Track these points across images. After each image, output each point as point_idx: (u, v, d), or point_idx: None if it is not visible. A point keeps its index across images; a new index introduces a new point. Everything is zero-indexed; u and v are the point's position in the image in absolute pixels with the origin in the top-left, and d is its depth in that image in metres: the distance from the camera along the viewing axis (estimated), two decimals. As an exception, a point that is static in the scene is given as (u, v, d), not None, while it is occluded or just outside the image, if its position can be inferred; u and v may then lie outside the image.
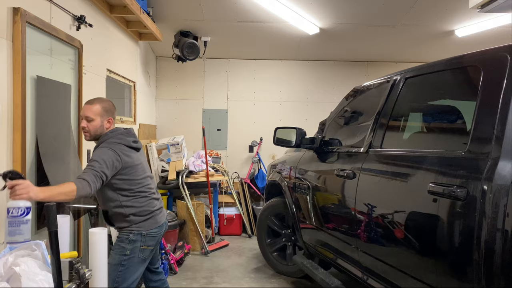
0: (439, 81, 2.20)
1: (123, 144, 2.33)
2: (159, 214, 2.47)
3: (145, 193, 2.39)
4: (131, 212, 2.33)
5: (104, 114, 2.34)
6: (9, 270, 1.47)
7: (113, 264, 2.30)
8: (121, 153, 2.27)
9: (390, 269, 2.13)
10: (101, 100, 2.41)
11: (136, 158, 2.38)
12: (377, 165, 2.35)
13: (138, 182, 2.35)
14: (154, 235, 2.41)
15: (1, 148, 2.13)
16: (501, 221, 1.48)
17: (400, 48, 5.66)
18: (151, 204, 2.41)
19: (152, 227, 2.39)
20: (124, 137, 2.37)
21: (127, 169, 2.29)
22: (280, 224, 4.00)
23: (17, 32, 2.19)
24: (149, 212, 2.39)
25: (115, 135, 2.35)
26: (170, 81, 6.23)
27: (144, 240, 2.36)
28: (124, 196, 2.32)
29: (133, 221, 2.33)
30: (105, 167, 2.16)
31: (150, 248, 2.41)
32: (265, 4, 4.20)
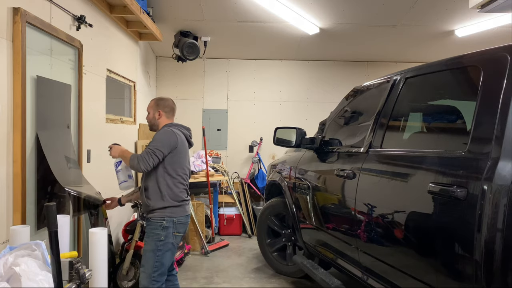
0: (439, 81, 2.20)
1: (182, 131, 2.73)
2: (188, 205, 2.74)
3: (183, 180, 2.69)
4: (168, 193, 2.59)
5: (155, 108, 2.79)
6: (9, 270, 1.47)
7: (150, 250, 2.56)
8: (178, 135, 2.65)
9: (390, 269, 2.13)
10: (158, 97, 2.88)
11: (187, 149, 2.75)
12: (377, 165, 2.35)
13: (182, 168, 2.67)
14: (184, 222, 2.66)
15: (1, 148, 2.13)
16: (501, 221, 1.48)
17: (400, 48, 5.66)
18: (184, 193, 2.68)
19: (182, 215, 2.64)
20: (183, 129, 2.78)
21: (179, 152, 2.63)
22: (280, 224, 4.00)
23: (17, 32, 2.19)
24: (181, 199, 2.65)
25: (174, 124, 2.76)
26: (170, 81, 6.23)
27: (176, 226, 2.60)
28: (169, 175, 2.61)
29: (167, 203, 2.57)
30: (161, 145, 2.55)
31: (181, 234, 2.66)
32: (265, 4, 4.20)
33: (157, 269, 2.53)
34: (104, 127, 3.66)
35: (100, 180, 3.45)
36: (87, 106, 3.19)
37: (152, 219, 2.59)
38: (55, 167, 2.51)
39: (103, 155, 3.55)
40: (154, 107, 2.79)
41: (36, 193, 2.47)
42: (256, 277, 3.89)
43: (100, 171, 3.50)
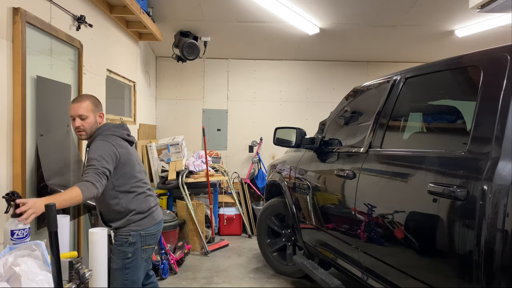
0: (439, 81, 2.20)
1: (117, 136, 2.27)
2: (156, 211, 2.40)
3: (142, 188, 2.33)
4: (130, 210, 2.26)
5: (95, 109, 2.29)
6: (9, 270, 1.47)
7: (117, 269, 2.28)
8: (117, 145, 2.21)
9: (390, 269, 2.13)
10: (88, 96, 2.34)
11: (131, 151, 2.32)
12: (377, 165, 2.34)
13: (134, 176, 2.29)
14: (153, 233, 2.35)
15: (1, 148, 2.13)
16: (501, 221, 1.48)
17: (400, 48, 5.66)
18: (148, 201, 2.35)
19: (151, 225, 2.33)
20: (118, 129, 2.32)
21: (123, 162, 2.22)
22: (280, 224, 4.00)
23: (17, 32, 2.19)
24: (147, 209, 2.33)
25: (108, 128, 2.29)
26: (170, 81, 6.23)
27: (144, 240, 2.30)
28: (122, 192, 2.24)
29: (132, 219, 2.26)
30: (105, 162, 2.09)
31: (152, 246, 2.37)
32: (265, 4, 4.20)
33: None
34: (104, 127, 3.66)
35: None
36: (87, 106, 3.18)
37: (117, 236, 2.30)
38: (48, 172, 2.49)
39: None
40: (93, 109, 2.29)
41: (36, 193, 2.47)
42: (256, 277, 3.89)
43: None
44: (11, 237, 1.70)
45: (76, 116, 2.24)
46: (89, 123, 2.25)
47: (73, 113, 2.25)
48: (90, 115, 2.25)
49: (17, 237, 1.71)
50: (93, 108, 2.27)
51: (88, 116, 2.25)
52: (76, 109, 2.24)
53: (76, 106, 2.25)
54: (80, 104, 2.25)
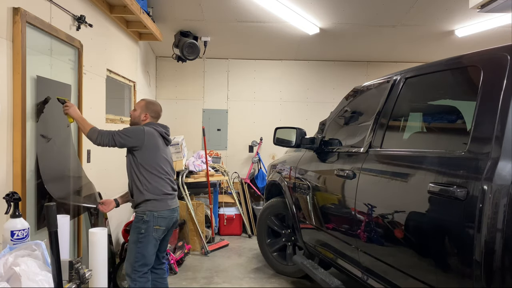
0: (439, 81, 2.20)
1: (155, 129, 2.77)
2: (171, 199, 2.80)
3: (163, 175, 2.74)
4: (146, 187, 2.68)
5: (144, 109, 2.86)
6: (9, 270, 1.47)
7: (132, 242, 2.71)
8: (148, 133, 2.70)
9: (390, 269, 2.13)
10: (150, 101, 2.96)
11: (161, 144, 2.78)
12: (377, 165, 2.35)
13: (156, 163, 2.72)
14: (165, 216, 2.73)
15: (1, 148, 2.13)
16: (501, 221, 1.48)
17: (400, 48, 5.66)
18: (164, 187, 2.74)
19: (164, 209, 2.71)
20: (158, 126, 2.82)
21: (149, 148, 2.69)
22: (280, 224, 4.00)
23: (17, 32, 2.19)
24: (163, 193, 2.72)
25: (150, 123, 2.83)
26: (170, 81, 6.23)
27: (156, 220, 2.69)
28: (144, 169, 2.68)
29: (147, 196, 2.67)
30: (124, 132, 2.65)
31: (162, 228, 2.73)
32: (265, 4, 4.20)
33: (138, 260, 2.66)
34: (104, 127, 3.66)
35: (100, 180, 3.45)
36: (87, 106, 3.18)
37: (136, 213, 2.73)
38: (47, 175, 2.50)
39: (103, 155, 3.55)
40: (143, 108, 2.87)
41: (36, 193, 2.47)
42: (256, 277, 3.89)
43: (100, 171, 3.50)
44: (11, 237, 1.70)
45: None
46: (134, 114, 2.89)
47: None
48: (138, 109, 2.88)
49: (17, 237, 1.72)
50: (143, 107, 2.87)
51: (136, 109, 2.89)
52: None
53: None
54: (139, 101, 2.93)
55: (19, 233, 1.70)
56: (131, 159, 2.72)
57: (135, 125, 2.86)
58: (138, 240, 2.68)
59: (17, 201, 1.77)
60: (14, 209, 1.73)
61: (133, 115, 2.89)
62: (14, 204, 1.74)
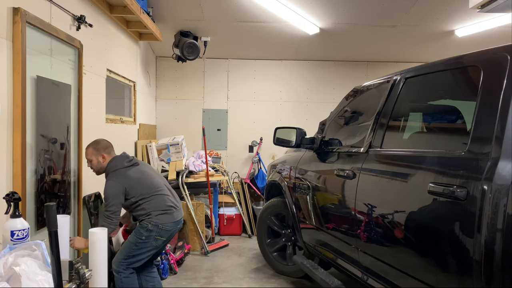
0: (439, 81, 2.20)
1: (119, 168, 2.78)
2: (176, 212, 2.87)
3: (156, 194, 2.81)
4: (149, 210, 2.76)
5: (96, 153, 2.82)
6: (9, 270, 1.47)
7: (129, 241, 2.77)
8: (121, 180, 2.72)
9: (390, 269, 2.13)
10: (94, 142, 2.87)
11: (136, 172, 2.82)
12: (377, 165, 2.34)
13: (147, 191, 2.78)
14: (169, 229, 2.80)
15: (1, 148, 2.13)
16: (501, 221, 1.48)
17: (400, 48, 5.66)
18: (165, 201, 2.82)
19: (169, 221, 2.79)
20: (119, 162, 2.82)
21: (132, 186, 2.74)
22: (280, 224, 4.00)
23: (17, 32, 2.19)
24: (166, 206, 2.81)
25: (112, 165, 2.81)
26: (170, 81, 6.23)
27: (159, 232, 2.76)
28: (139, 202, 2.76)
29: (152, 214, 2.75)
30: (112, 203, 2.68)
31: (163, 239, 2.80)
32: (265, 4, 4.20)
33: (127, 259, 2.74)
34: (104, 127, 3.66)
35: (100, 180, 3.45)
36: (87, 106, 3.19)
37: (141, 221, 2.80)
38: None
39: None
40: (94, 153, 2.83)
41: (36, 193, 2.47)
42: (256, 277, 3.88)
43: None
44: (11, 237, 1.70)
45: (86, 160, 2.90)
46: (94, 164, 2.86)
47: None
48: (93, 158, 2.84)
49: (17, 237, 1.71)
50: (94, 153, 2.83)
51: (91, 159, 2.85)
52: (85, 154, 2.90)
53: (85, 152, 2.90)
54: (86, 150, 2.87)
55: (19, 233, 1.70)
56: (129, 203, 2.78)
57: (101, 172, 2.88)
58: (136, 243, 2.75)
59: (17, 201, 1.77)
60: (14, 209, 1.73)
61: (93, 166, 2.86)
62: (14, 204, 1.74)
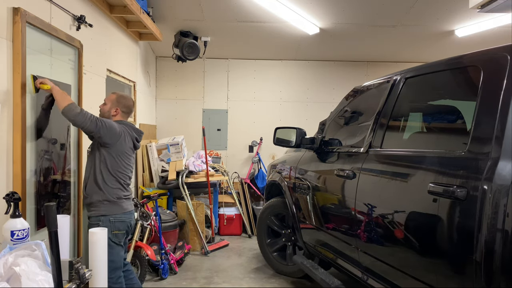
0: (439, 81, 2.20)
1: (129, 133, 2.66)
2: (127, 202, 2.68)
3: (120, 179, 2.62)
4: (104, 187, 2.55)
5: (115, 103, 2.71)
6: (9, 270, 1.47)
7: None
8: (123, 135, 2.59)
9: (390, 269, 2.13)
10: (122, 95, 2.79)
11: (129, 150, 2.67)
12: (377, 165, 2.34)
13: (120, 168, 2.61)
14: (122, 219, 2.60)
15: (1, 148, 2.13)
16: (501, 221, 1.48)
17: (400, 48, 5.66)
18: (121, 191, 2.62)
19: (119, 212, 2.59)
20: (131, 130, 2.71)
21: (119, 152, 2.59)
22: (280, 224, 4.00)
23: (17, 32, 2.19)
24: (117, 197, 2.59)
25: (127, 124, 2.71)
26: (170, 81, 6.23)
27: (113, 225, 2.56)
28: (103, 171, 2.56)
29: (102, 197, 2.54)
30: (105, 125, 2.48)
31: (122, 232, 2.61)
32: (265, 4, 4.20)
33: (108, 267, 2.47)
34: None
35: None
36: (87, 106, 3.18)
37: (91, 219, 2.58)
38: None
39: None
40: (113, 102, 2.71)
41: (36, 193, 2.47)
42: (256, 277, 3.89)
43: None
44: (11, 237, 1.70)
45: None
46: (103, 108, 2.73)
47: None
48: (108, 103, 2.73)
49: (17, 237, 1.72)
50: (113, 100, 2.73)
51: (106, 103, 2.74)
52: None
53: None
54: (110, 94, 2.80)
55: (19, 233, 1.70)
56: (97, 153, 2.56)
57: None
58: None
59: (17, 201, 1.77)
60: (14, 209, 1.73)
61: (103, 109, 2.73)
62: (14, 204, 1.74)
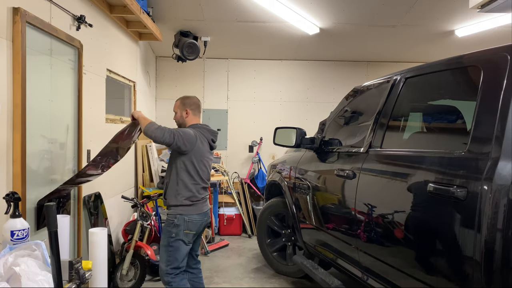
0: (439, 81, 2.20)
1: (204, 135, 2.77)
2: (203, 203, 2.80)
3: (198, 182, 2.74)
4: (183, 192, 2.68)
5: (181, 107, 2.85)
6: (9, 270, 1.47)
7: (163, 245, 2.72)
8: (199, 140, 2.70)
9: (390, 269, 2.13)
10: (183, 96, 2.92)
11: (206, 152, 2.79)
12: (377, 165, 2.34)
13: (197, 171, 2.72)
14: (196, 220, 2.72)
15: (1, 148, 2.13)
16: (501, 221, 1.48)
17: (400, 48, 5.66)
18: (199, 193, 2.75)
19: (194, 213, 2.71)
20: (207, 132, 2.81)
21: (196, 156, 2.69)
22: (280, 224, 4.00)
23: (17, 32, 2.19)
24: (195, 199, 2.72)
25: (202, 127, 2.81)
26: (170, 81, 6.23)
27: (187, 225, 2.68)
28: (182, 176, 2.68)
29: (180, 201, 2.68)
30: (181, 134, 2.61)
31: (192, 232, 2.72)
32: (265, 4, 4.20)
33: (170, 263, 2.68)
34: (104, 127, 3.66)
35: (99, 179, 3.45)
36: (87, 106, 3.18)
37: (167, 217, 2.75)
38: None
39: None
40: (180, 107, 2.85)
41: (36, 193, 2.47)
42: (256, 277, 3.88)
43: (100, 171, 3.49)
44: (11, 237, 1.70)
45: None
46: (177, 117, 2.88)
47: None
48: (177, 110, 2.88)
49: (17, 237, 1.71)
50: (180, 105, 2.87)
51: (176, 112, 2.89)
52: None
53: None
54: (175, 102, 2.92)
55: (19, 233, 1.70)
56: (176, 160, 2.71)
57: (181, 127, 2.83)
58: (169, 244, 2.68)
59: (17, 201, 1.77)
60: (14, 209, 1.73)
61: (176, 119, 2.89)
62: (14, 204, 1.74)
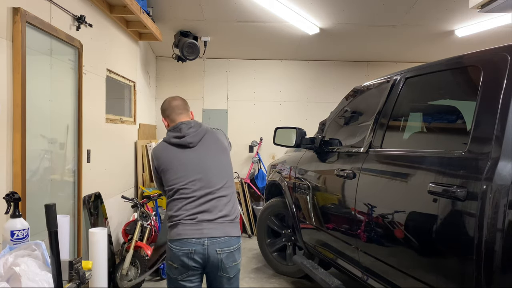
0: (439, 81, 2.20)
1: (164, 141, 2.22)
2: (188, 224, 1.97)
3: (177, 194, 2.07)
4: (167, 216, 2.12)
5: (163, 117, 2.37)
6: (9, 270, 1.46)
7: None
8: (155, 155, 2.20)
9: (390, 269, 2.13)
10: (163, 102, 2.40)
11: (173, 158, 2.13)
12: (377, 165, 2.34)
13: (172, 183, 2.10)
14: (175, 250, 1.96)
15: (1, 148, 2.13)
16: (501, 221, 1.48)
17: (400, 48, 5.66)
18: (182, 210, 2.02)
19: (172, 238, 1.98)
20: (169, 133, 2.23)
21: (163, 170, 2.14)
22: (280, 224, 4.00)
23: (17, 32, 2.19)
24: (175, 219, 2.02)
25: (166, 139, 2.25)
26: (170, 81, 6.23)
27: (168, 253, 2.02)
28: (167, 195, 2.16)
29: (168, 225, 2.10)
30: (153, 176, 2.26)
31: (174, 265, 1.97)
32: (265, 4, 4.20)
33: None
34: (104, 127, 3.66)
35: (100, 180, 3.45)
36: (87, 106, 3.18)
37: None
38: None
39: (103, 155, 3.55)
40: (162, 119, 2.39)
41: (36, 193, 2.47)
42: (256, 277, 3.88)
43: (100, 171, 3.50)
44: (11, 237, 1.70)
45: None
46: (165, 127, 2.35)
47: None
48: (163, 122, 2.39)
49: (17, 237, 1.71)
50: (162, 118, 2.37)
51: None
52: None
53: None
54: None
55: (19, 233, 1.70)
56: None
57: None
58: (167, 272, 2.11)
59: (17, 201, 1.77)
60: (14, 209, 1.73)
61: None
62: (14, 204, 1.74)
